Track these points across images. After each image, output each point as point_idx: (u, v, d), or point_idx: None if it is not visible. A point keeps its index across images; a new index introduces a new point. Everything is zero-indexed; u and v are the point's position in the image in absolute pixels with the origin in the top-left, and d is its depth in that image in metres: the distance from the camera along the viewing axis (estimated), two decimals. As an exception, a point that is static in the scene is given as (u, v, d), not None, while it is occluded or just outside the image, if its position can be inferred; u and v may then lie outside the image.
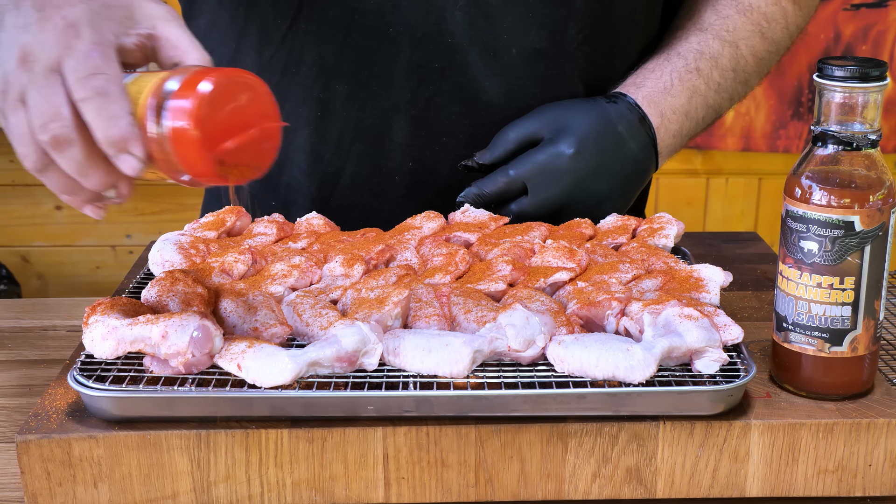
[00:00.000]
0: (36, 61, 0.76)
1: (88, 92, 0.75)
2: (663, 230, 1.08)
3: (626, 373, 0.82)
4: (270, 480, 0.83)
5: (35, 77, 0.76)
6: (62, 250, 3.11)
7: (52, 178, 0.79)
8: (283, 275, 0.96)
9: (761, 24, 1.20)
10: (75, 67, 0.75)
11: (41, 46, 0.76)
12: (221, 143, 0.75)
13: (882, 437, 0.84)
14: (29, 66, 0.76)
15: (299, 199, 1.23)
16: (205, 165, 0.75)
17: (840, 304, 0.85)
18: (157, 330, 0.81)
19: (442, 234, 1.08)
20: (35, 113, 0.76)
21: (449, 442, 0.83)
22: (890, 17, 2.84)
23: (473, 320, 0.89)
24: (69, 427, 0.82)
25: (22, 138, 0.77)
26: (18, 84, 0.76)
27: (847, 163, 0.84)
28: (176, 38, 0.81)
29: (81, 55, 0.75)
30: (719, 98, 1.20)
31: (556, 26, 1.14)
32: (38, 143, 0.77)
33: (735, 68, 1.20)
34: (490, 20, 1.12)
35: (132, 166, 0.76)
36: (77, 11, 0.77)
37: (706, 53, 1.18)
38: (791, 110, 2.91)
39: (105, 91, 0.75)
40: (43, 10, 0.77)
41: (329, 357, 0.82)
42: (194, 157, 0.75)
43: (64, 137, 0.75)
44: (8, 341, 1.13)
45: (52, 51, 0.76)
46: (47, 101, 0.75)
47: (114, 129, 0.75)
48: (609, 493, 0.84)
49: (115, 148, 0.75)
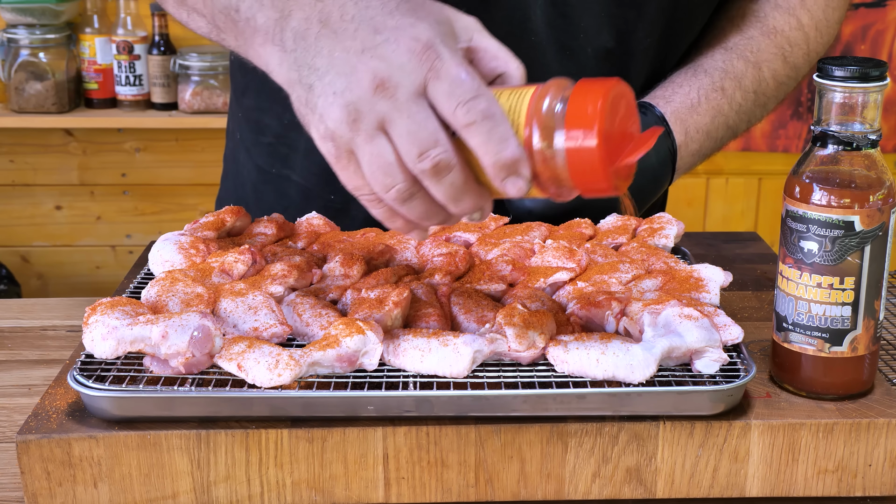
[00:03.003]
0: (398, 87, 0.72)
1: (475, 116, 0.72)
2: (663, 230, 1.08)
3: (626, 373, 0.82)
4: (270, 480, 0.83)
5: (400, 104, 0.72)
6: (62, 250, 3.11)
7: (415, 207, 0.75)
8: (283, 275, 0.96)
9: (784, 47, 1.20)
10: (450, 91, 0.72)
11: (400, 70, 0.72)
12: (617, 157, 0.74)
13: (882, 437, 0.84)
14: (389, 93, 0.72)
15: None
16: (606, 181, 0.73)
17: (840, 304, 0.85)
18: (157, 330, 0.81)
19: (442, 234, 1.08)
20: (409, 140, 0.72)
21: (449, 442, 0.83)
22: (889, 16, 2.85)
23: (473, 320, 0.89)
24: (69, 427, 0.82)
25: (388, 168, 0.73)
26: (376, 112, 0.72)
27: (847, 163, 0.84)
28: (494, 49, 0.79)
29: (453, 78, 0.72)
30: (739, 119, 1.20)
31: (627, 27, 1.15)
32: (409, 171, 0.73)
33: (756, 90, 1.20)
34: (567, 19, 1.13)
35: (520, 188, 0.74)
36: (427, 30, 0.73)
37: (730, 73, 1.18)
38: (791, 110, 2.91)
39: (491, 114, 0.72)
40: (382, 33, 0.73)
41: (329, 357, 0.82)
42: (595, 175, 0.73)
43: (445, 164, 0.72)
44: (8, 341, 1.13)
45: (414, 74, 0.72)
46: (423, 128, 0.72)
47: (506, 152, 0.72)
48: (609, 493, 0.84)
49: (506, 171, 0.73)
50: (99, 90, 2.83)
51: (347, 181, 0.77)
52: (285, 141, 1.24)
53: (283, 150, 1.25)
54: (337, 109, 0.73)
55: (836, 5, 1.23)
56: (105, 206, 3.07)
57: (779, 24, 1.21)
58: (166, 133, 2.99)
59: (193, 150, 3.01)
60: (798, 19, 1.21)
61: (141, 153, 3.03)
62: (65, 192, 3.06)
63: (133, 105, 2.83)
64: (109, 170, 3.04)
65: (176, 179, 3.05)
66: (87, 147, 3.01)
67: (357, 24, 0.74)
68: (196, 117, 2.79)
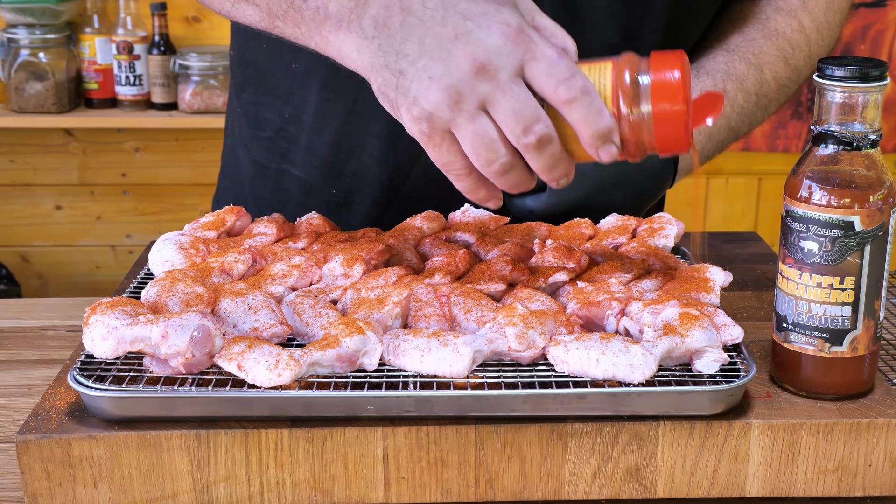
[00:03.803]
0: (498, 69, 0.78)
1: (575, 92, 0.79)
2: (663, 230, 1.08)
3: (626, 373, 0.82)
4: (270, 480, 0.83)
5: (501, 84, 0.79)
6: (62, 250, 3.12)
7: (511, 177, 0.83)
8: (283, 275, 0.96)
9: (786, 49, 1.21)
10: (549, 71, 0.79)
11: (498, 54, 0.78)
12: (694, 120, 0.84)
13: (882, 437, 0.84)
14: (489, 75, 0.78)
15: (365, 188, 1.21)
16: (687, 141, 0.83)
17: (840, 304, 0.85)
18: (157, 330, 0.81)
19: (442, 234, 1.08)
20: (512, 118, 0.79)
21: (449, 442, 0.83)
22: (888, 16, 2.85)
23: (473, 320, 0.89)
24: (69, 427, 0.82)
25: (491, 144, 0.80)
26: (478, 93, 0.79)
27: (847, 163, 0.84)
28: (552, 27, 0.85)
29: (548, 58, 0.79)
30: (740, 121, 1.20)
31: (633, 23, 1.16)
32: (510, 146, 0.81)
33: (758, 92, 1.20)
34: (573, 14, 1.13)
35: (612, 153, 0.82)
36: (514, 15, 0.80)
37: (732, 75, 1.18)
38: (790, 110, 2.91)
39: (587, 90, 0.80)
40: (472, 19, 0.79)
41: (329, 357, 0.82)
42: (679, 135, 0.82)
43: (547, 137, 0.80)
44: (8, 341, 1.13)
45: (512, 56, 0.79)
46: (525, 106, 0.79)
47: (602, 123, 0.80)
48: (609, 493, 0.84)
49: (601, 140, 0.81)
50: (99, 90, 2.83)
51: (438, 158, 0.83)
52: (285, 135, 1.24)
53: (283, 144, 1.25)
54: (436, 92, 0.79)
55: (837, 8, 1.23)
56: (105, 206, 3.07)
57: (780, 27, 1.21)
58: (166, 133, 2.99)
59: (193, 149, 3.02)
60: (799, 21, 1.21)
61: (141, 153, 3.03)
62: (65, 192, 3.06)
63: (133, 105, 2.83)
64: (109, 170, 3.04)
65: (176, 179, 3.05)
66: (87, 147, 3.01)
67: (443, 11, 0.80)
68: (196, 117, 2.79)
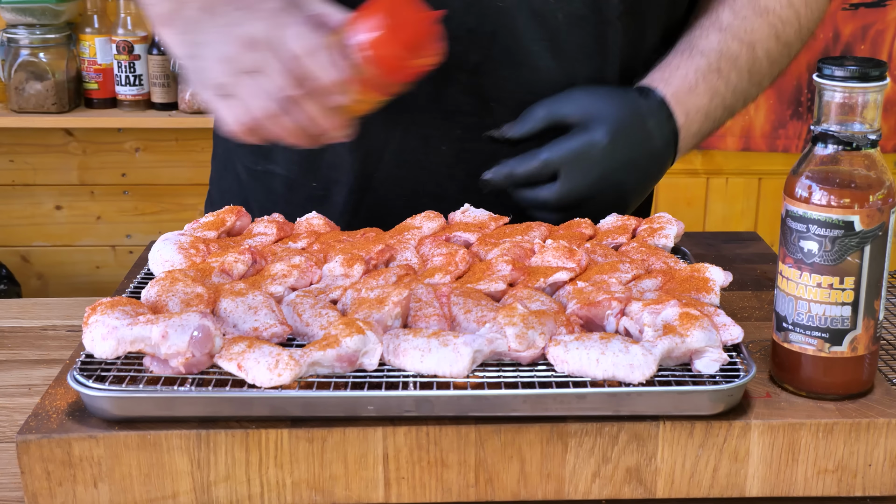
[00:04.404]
0: (261, 43, 0.95)
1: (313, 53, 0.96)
2: (663, 230, 1.08)
3: (626, 373, 0.82)
4: (270, 480, 0.83)
5: (266, 55, 0.95)
6: (62, 250, 3.12)
7: (287, 125, 0.97)
8: (283, 275, 0.96)
9: (776, 26, 1.21)
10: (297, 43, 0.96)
11: (263, 33, 0.94)
12: (403, 35, 0.93)
13: (882, 437, 0.84)
14: (256, 48, 0.95)
15: (342, 178, 1.22)
16: (398, 59, 0.92)
17: (840, 304, 0.85)
18: (157, 330, 0.81)
19: (442, 234, 1.08)
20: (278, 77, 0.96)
21: (449, 442, 0.83)
22: (889, 16, 2.85)
23: (473, 320, 0.89)
24: (69, 427, 0.82)
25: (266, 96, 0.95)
26: (247, 60, 0.95)
27: (847, 163, 0.84)
28: (329, 10, 0.97)
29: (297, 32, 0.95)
30: (735, 99, 1.21)
31: None
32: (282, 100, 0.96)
33: (751, 70, 1.20)
34: None
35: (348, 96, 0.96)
36: (279, 3, 0.96)
37: (726, 54, 1.19)
38: (790, 110, 2.91)
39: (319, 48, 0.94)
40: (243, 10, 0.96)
41: (329, 357, 0.82)
42: (389, 52, 0.92)
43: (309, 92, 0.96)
44: (8, 341, 1.13)
45: (272, 33, 0.95)
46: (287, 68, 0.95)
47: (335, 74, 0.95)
48: (609, 493, 0.84)
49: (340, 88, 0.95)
50: (99, 90, 2.83)
51: (228, 116, 0.98)
52: None
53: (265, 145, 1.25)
54: (216, 64, 0.96)
55: None
56: (105, 205, 3.07)
57: (770, 3, 1.21)
58: (166, 133, 2.99)
59: (193, 149, 3.01)
60: None
61: (141, 153, 3.03)
62: (65, 192, 3.06)
63: (133, 105, 2.83)
64: (109, 170, 3.04)
65: (176, 179, 3.05)
66: (87, 147, 3.01)
67: (232, 7, 0.96)
68: (196, 117, 2.79)
